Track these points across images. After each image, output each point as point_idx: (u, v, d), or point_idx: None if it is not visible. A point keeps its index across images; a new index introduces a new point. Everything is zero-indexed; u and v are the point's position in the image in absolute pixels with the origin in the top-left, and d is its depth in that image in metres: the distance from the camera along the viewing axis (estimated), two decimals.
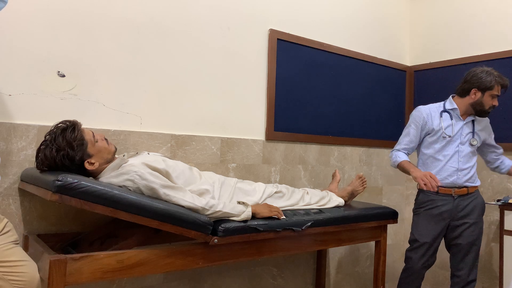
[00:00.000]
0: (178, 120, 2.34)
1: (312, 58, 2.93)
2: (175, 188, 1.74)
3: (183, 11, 2.36)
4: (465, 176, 2.46)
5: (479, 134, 2.53)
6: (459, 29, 3.33)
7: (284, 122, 2.77)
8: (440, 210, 2.47)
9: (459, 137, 2.48)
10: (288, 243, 2.08)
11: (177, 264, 1.73)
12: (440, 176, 2.46)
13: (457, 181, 2.46)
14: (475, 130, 2.51)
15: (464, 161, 2.48)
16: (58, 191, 1.46)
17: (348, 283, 3.14)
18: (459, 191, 2.47)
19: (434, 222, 2.48)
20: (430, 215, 2.49)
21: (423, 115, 2.52)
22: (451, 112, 2.51)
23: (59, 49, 1.98)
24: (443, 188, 2.47)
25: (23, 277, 1.42)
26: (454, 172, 2.46)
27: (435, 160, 2.50)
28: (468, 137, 2.50)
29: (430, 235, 2.49)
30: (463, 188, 2.47)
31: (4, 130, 1.83)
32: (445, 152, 2.48)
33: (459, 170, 2.47)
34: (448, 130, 2.48)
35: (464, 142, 2.49)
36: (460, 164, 2.47)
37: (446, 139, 2.47)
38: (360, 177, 2.65)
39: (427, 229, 2.50)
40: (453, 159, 2.47)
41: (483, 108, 2.44)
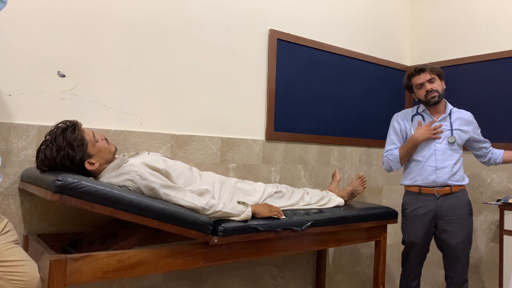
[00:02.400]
0: (178, 120, 2.34)
1: (312, 58, 2.93)
2: (175, 188, 1.74)
3: (183, 11, 2.36)
4: (445, 174, 2.46)
5: (459, 130, 2.52)
6: (459, 29, 3.33)
7: (284, 122, 2.77)
8: (424, 211, 2.49)
9: None
10: (288, 243, 2.08)
11: (177, 264, 1.73)
12: (421, 177, 2.51)
13: (437, 180, 2.47)
14: (453, 127, 2.51)
15: (442, 160, 2.48)
16: (58, 191, 1.46)
17: (348, 283, 3.14)
18: (441, 190, 2.47)
19: (420, 223, 2.50)
20: (416, 216, 2.52)
21: (398, 121, 2.64)
22: (423, 113, 2.58)
23: (59, 49, 1.98)
24: (425, 188, 2.50)
25: (23, 277, 1.43)
26: (433, 171, 2.48)
27: (415, 161, 2.54)
28: (445, 135, 2.50)
29: (418, 236, 2.51)
30: (446, 187, 2.47)
31: (4, 130, 1.83)
32: (423, 152, 2.51)
33: (438, 168, 2.47)
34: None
35: (440, 140, 2.50)
36: (439, 163, 2.47)
37: None
38: (360, 177, 2.66)
39: (415, 230, 2.53)
40: (431, 158, 2.49)
41: (423, 100, 2.53)
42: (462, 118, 2.54)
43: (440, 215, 2.48)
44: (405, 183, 2.62)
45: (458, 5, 3.35)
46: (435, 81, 2.49)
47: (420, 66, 2.51)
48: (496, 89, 3.05)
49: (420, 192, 2.52)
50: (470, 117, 2.57)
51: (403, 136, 2.61)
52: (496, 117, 3.04)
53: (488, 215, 3.05)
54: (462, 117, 2.54)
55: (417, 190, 2.53)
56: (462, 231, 2.46)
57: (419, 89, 2.52)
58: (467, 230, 2.48)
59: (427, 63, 2.53)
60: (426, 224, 2.49)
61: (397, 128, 2.62)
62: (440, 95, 2.50)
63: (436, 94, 2.48)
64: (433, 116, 2.55)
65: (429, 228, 2.51)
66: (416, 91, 2.55)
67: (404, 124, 2.61)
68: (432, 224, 2.50)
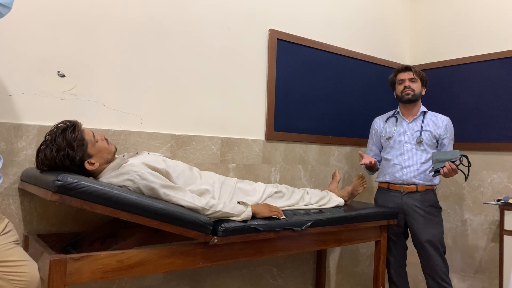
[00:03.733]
0: (178, 120, 2.34)
1: (312, 58, 2.93)
2: (175, 188, 1.74)
3: (183, 11, 2.36)
4: (411, 172, 2.60)
5: (429, 132, 2.63)
6: (459, 29, 3.33)
7: (284, 122, 2.77)
8: (391, 205, 2.64)
9: (403, 137, 2.67)
10: (288, 243, 2.08)
11: (177, 264, 1.73)
12: (389, 174, 2.68)
13: (403, 177, 2.62)
14: (424, 128, 2.64)
15: (410, 159, 2.62)
16: (58, 191, 1.46)
17: (348, 283, 3.14)
18: (407, 187, 2.62)
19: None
20: None
21: (374, 125, 2.87)
22: (397, 116, 2.77)
23: (59, 49, 1.98)
24: (392, 184, 2.67)
25: (24, 277, 1.43)
26: (399, 169, 2.64)
27: (386, 160, 2.73)
28: (415, 136, 2.65)
29: (390, 231, 2.65)
30: (411, 185, 2.61)
31: (4, 130, 1.83)
32: (392, 152, 2.69)
33: (404, 167, 2.63)
34: (390, 132, 2.73)
35: (409, 141, 2.66)
36: (405, 162, 2.63)
37: (389, 141, 2.71)
38: (360, 177, 2.66)
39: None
40: (398, 157, 2.66)
41: (399, 96, 2.70)
42: (435, 122, 2.66)
43: (406, 211, 2.62)
44: (377, 180, 2.81)
45: (458, 5, 3.35)
46: (415, 81, 2.67)
47: (407, 65, 2.72)
48: (496, 89, 3.05)
49: (388, 188, 2.70)
50: (443, 121, 2.67)
51: (378, 139, 2.82)
52: (496, 117, 3.04)
53: (488, 215, 3.05)
54: (435, 120, 2.67)
55: (386, 186, 2.71)
56: (430, 228, 2.56)
57: (399, 84, 2.71)
58: (435, 229, 2.57)
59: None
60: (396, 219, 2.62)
61: (372, 133, 2.86)
62: (415, 95, 2.65)
63: (411, 93, 2.64)
64: (405, 117, 2.72)
65: (398, 223, 2.62)
66: (396, 86, 2.73)
67: (378, 127, 2.83)
68: (401, 220, 2.63)
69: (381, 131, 2.79)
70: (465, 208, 3.17)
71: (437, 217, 2.62)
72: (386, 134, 2.75)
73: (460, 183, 3.18)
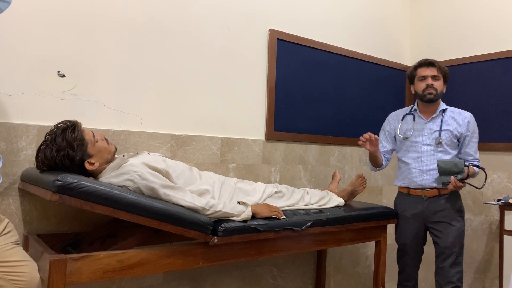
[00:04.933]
0: (178, 120, 2.34)
1: (312, 58, 2.93)
2: (175, 188, 1.74)
3: (183, 11, 2.36)
4: (431, 177, 2.41)
5: (449, 131, 2.42)
6: (459, 29, 3.33)
7: (284, 122, 2.77)
8: (412, 212, 2.48)
9: (420, 138, 2.47)
10: (288, 243, 2.08)
11: (177, 264, 1.73)
12: (408, 179, 2.49)
13: (423, 183, 2.43)
14: (443, 127, 2.43)
15: (429, 162, 2.42)
16: (58, 191, 1.46)
17: (348, 283, 3.14)
18: (428, 192, 2.43)
19: (409, 224, 2.51)
20: (404, 217, 2.53)
21: (388, 120, 2.68)
22: (414, 113, 2.55)
23: (59, 49, 1.98)
24: (413, 189, 2.48)
25: (24, 277, 1.43)
26: (418, 174, 2.45)
27: (403, 163, 2.54)
28: (434, 136, 2.44)
29: (407, 237, 2.52)
30: (433, 189, 2.42)
31: (4, 130, 1.83)
32: (409, 154, 2.50)
33: (423, 172, 2.43)
34: (407, 132, 2.52)
35: (428, 142, 2.45)
36: (424, 166, 2.43)
37: (406, 141, 2.51)
38: (360, 176, 2.65)
39: (404, 231, 2.54)
40: (417, 161, 2.46)
41: (420, 95, 2.47)
42: (455, 119, 2.45)
43: (428, 216, 2.45)
44: (396, 184, 2.63)
45: (458, 5, 3.35)
46: (438, 79, 2.44)
47: (431, 60, 2.45)
48: (496, 89, 3.05)
49: (408, 193, 2.51)
50: (464, 118, 2.45)
51: (391, 136, 2.63)
52: (496, 117, 3.04)
53: (488, 215, 3.05)
54: (456, 117, 2.45)
55: (406, 191, 2.53)
56: (451, 233, 2.40)
57: (420, 81, 2.46)
58: (455, 234, 2.40)
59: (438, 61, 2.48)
60: (414, 225, 2.49)
61: (386, 128, 2.66)
62: (437, 95, 2.44)
63: (434, 92, 2.42)
64: (423, 116, 2.50)
65: (418, 230, 2.49)
66: (417, 82, 2.48)
67: (394, 124, 2.62)
68: (421, 226, 2.48)
69: (396, 129, 2.58)
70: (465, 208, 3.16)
71: (459, 222, 2.42)
72: (403, 134, 2.54)
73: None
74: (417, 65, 2.49)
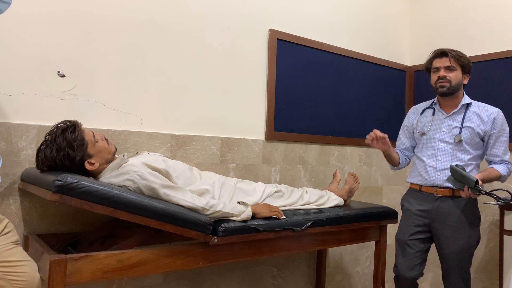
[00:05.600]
0: (178, 120, 2.34)
1: (312, 58, 2.93)
2: (175, 188, 1.74)
3: (183, 11, 2.36)
4: (446, 177, 2.19)
5: (470, 129, 2.23)
6: (459, 29, 3.33)
7: (284, 122, 2.77)
8: (420, 208, 2.31)
9: (438, 134, 2.29)
10: (288, 243, 2.08)
11: (177, 264, 1.73)
12: (422, 176, 2.33)
13: (436, 181, 2.26)
14: (464, 124, 2.23)
15: (445, 160, 2.24)
16: (58, 191, 1.46)
17: (348, 283, 3.14)
18: (441, 191, 2.25)
19: (413, 219, 2.33)
20: (410, 212, 2.36)
21: (408, 114, 2.52)
22: (434, 107, 2.36)
23: (59, 49, 1.98)
24: (425, 186, 2.32)
25: (24, 277, 1.43)
26: (433, 172, 2.27)
27: (418, 159, 2.38)
28: (453, 133, 2.25)
29: (406, 234, 2.33)
30: (446, 189, 2.23)
31: (4, 130, 1.83)
32: (425, 150, 2.33)
33: (438, 170, 2.25)
34: (424, 127, 2.35)
35: (445, 139, 2.26)
36: (439, 164, 2.25)
37: (423, 137, 2.33)
38: (352, 174, 2.64)
39: (405, 227, 2.36)
40: (431, 158, 2.29)
41: (433, 87, 2.31)
42: (479, 115, 2.23)
43: (437, 217, 2.25)
44: (408, 181, 2.47)
45: (458, 5, 3.35)
46: (454, 70, 2.23)
47: (444, 49, 2.27)
48: (496, 89, 3.05)
49: (420, 189, 2.34)
50: (490, 114, 2.23)
51: (410, 132, 2.47)
52: None
53: (488, 215, 3.05)
54: (480, 113, 2.23)
55: (417, 188, 2.36)
56: (458, 240, 2.20)
57: (434, 72, 2.29)
58: (465, 241, 2.21)
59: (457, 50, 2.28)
60: (417, 223, 2.31)
61: (405, 123, 2.51)
62: (452, 87, 2.22)
63: (446, 85, 2.22)
64: (444, 111, 2.31)
65: (419, 229, 2.31)
66: (432, 75, 2.31)
67: (412, 119, 2.46)
68: (425, 226, 2.30)
69: (415, 124, 2.40)
70: None
71: (472, 228, 2.22)
72: (420, 128, 2.37)
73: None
74: (431, 57, 2.33)
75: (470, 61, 2.29)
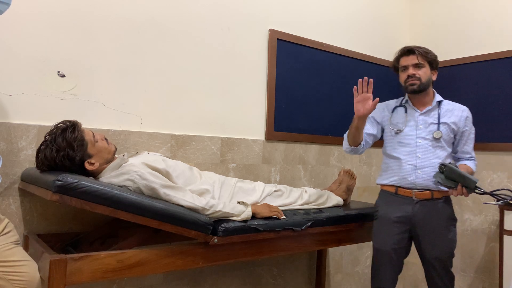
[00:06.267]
0: (178, 120, 2.34)
1: (312, 58, 2.93)
2: (175, 188, 1.74)
3: (183, 11, 2.36)
4: (426, 175, 2.12)
5: (447, 125, 2.18)
6: (459, 29, 3.33)
7: (284, 122, 2.77)
8: (398, 214, 2.17)
9: (414, 131, 2.20)
10: (288, 243, 2.08)
11: (177, 264, 1.73)
12: (399, 176, 2.19)
13: (416, 180, 2.14)
14: (441, 120, 2.18)
15: (425, 158, 2.15)
16: (58, 191, 1.46)
17: (348, 283, 3.14)
18: (420, 194, 2.14)
19: (393, 228, 2.18)
20: (388, 219, 2.20)
21: (377, 110, 2.32)
22: (406, 105, 2.28)
23: (59, 49, 1.98)
24: (402, 189, 2.18)
25: (24, 277, 1.43)
26: (412, 171, 2.15)
27: (393, 158, 2.24)
28: (430, 129, 2.18)
29: (388, 243, 2.18)
30: (426, 191, 2.14)
31: (4, 130, 1.83)
32: (402, 148, 2.21)
33: (418, 168, 2.14)
34: (399, 125, 2.25)
35: (423, 135, 2.18)
36: (419, 162, 2.15)
37: (398, 135, 2.23)
38: (346, 171, 2.58)
39: (385, 236, 2.20)
40: (410, 155, 2.17)
41: (402, 86, 2.25)
42: (452, 112, 2.21)
43: (416, 222, 2.15)
44: (380, 182, 2.31)
45: (458, 5, 3.35)
46: (422, 67, 2.18)
47: (410, 47, 2.21)
48: (496, 89, 3.05)
49: (396, 192, 2.20)
50: (462, 111, 2.23)
51: (378, 125, 2.34)
52: (496, 117, 3.04)
53: (488, 215, 3.05)
54: (453, 110, 2.22)
55: (393, 190, 2.22)
56: (440, 245, 2.13)
57: (402, 71, 2.24)
58: (447, 245, 2.15)
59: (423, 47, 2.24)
60: (398, 230, 2.17)
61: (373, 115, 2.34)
62: (422, 84, 2.17)
63: (417, 83, 2.17)
64: (417, 108, 2.24)
65: (402, 236, 2.17)
66: (400, 74, 2.26)
67: (383, 114, 2.34)
68: (406, 232, 2.18)
69: (386, 121, 2.32)
70: (465, 208, 3.17)
71: (452, 231, 2.16)
72: (394, 126, 2.26)
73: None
74: (398, 55, 2.27)
75: (437, 56, 2.25)
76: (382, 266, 2.21)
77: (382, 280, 2.21)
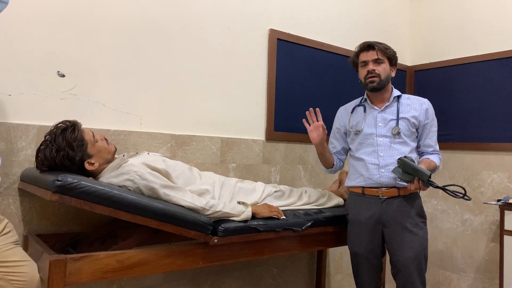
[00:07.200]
0: (178, 120, 2.34)
1: (312, 58, 2.93)
2: (175, 188, 1.74)
3: (183, 11, 2.36)
4: (391, 173, 2.07)
5: (406, 120, 2.14)
6: (459, 29, 3.33)
7: (284, 122, 2.77)
8: (367, 215, 2.13)
9: (374, 129, 2.16)
10: (288, 243, 2.07)
11: (177, 264, 1.73)
12: (364, 177, 2.16)
13: (381, 179, 2.10)
14: (400, 116, 2.14)
15: (387, 156, 2.11)
16: (58, 191, 1.46)
17: (348, 283, 3.14)
18: (386, 192, 2.10)
19: (364, 229, 2.15)
20: (358, 221, 2.17)
21: (337, 115, 2.37)
22: (364, 104, 2.25)
23: (59, 49, 1.98)
24: (368, 188, 2.14)
25: (23, 277, 1.43)
26: (375, 170, 2.11)
27: (357, 160, 2.21)
28: (389, 126, 2.15)
29: (361, 245, 2.15)
30: (392, 189, 2.09)
31: (4, 130, 1.83)
32: (363, 148, 2.18)
33: (381, 167, 2.11)
34: (358, 125, 2.21)
35: (383, 133, 2.15)
36: (381, 160, 2.11)
37: (359, 135, 2.20)
38: (346, 171, 2.60)
39: (358, 238, 2.17)
40: (372, 155, 2.14)
41: (362, 82, 2.21)
42: (412, 106, 2.17)
43: (386, 221, 2.10)
44: (349, 184, 2.27)
45: (458, 5, 3.35)
46: (382, 63, 2.15)
47: (370, 42, 2.17)
48: (496, 89, 3.05)
49: (363, 193, 2.16)
50: (422, 104, 2.18)
51: (341, 133, 2.34)
52: (496, 117, 3.04)
53: (488, 215, 3.05)
54: (412, 104, 2.18)
55: (360, 191, 2.18)
56: (413, 245, 2.05)
57: (362, 67, 2.19)
58: (418, 243, 2.06)
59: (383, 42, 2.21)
60: (369, 231, 2.13)
61: (335, 126, 2.37)
62: (382, 81, 2.14)
63: (376, 79, 2.13)
64: (376, 106, 2.20)
65: (374, 237, 2.13)
66: (359, 69, 2.22)
67: (343, 119, 2.33)
68: (377, 233, 2.13)
69: (347, 124, 2.28)
70: (465, 208, 3.17)
71: (422, 229, 2.10)
72: (354, 127, 2.22)
73: (460, 183, 3.18)
74: (358, 51, 2.22)
75: (396, 52, 2.22)
76: (361, 269, 2.18)
77: (363, 282, 2.19)
